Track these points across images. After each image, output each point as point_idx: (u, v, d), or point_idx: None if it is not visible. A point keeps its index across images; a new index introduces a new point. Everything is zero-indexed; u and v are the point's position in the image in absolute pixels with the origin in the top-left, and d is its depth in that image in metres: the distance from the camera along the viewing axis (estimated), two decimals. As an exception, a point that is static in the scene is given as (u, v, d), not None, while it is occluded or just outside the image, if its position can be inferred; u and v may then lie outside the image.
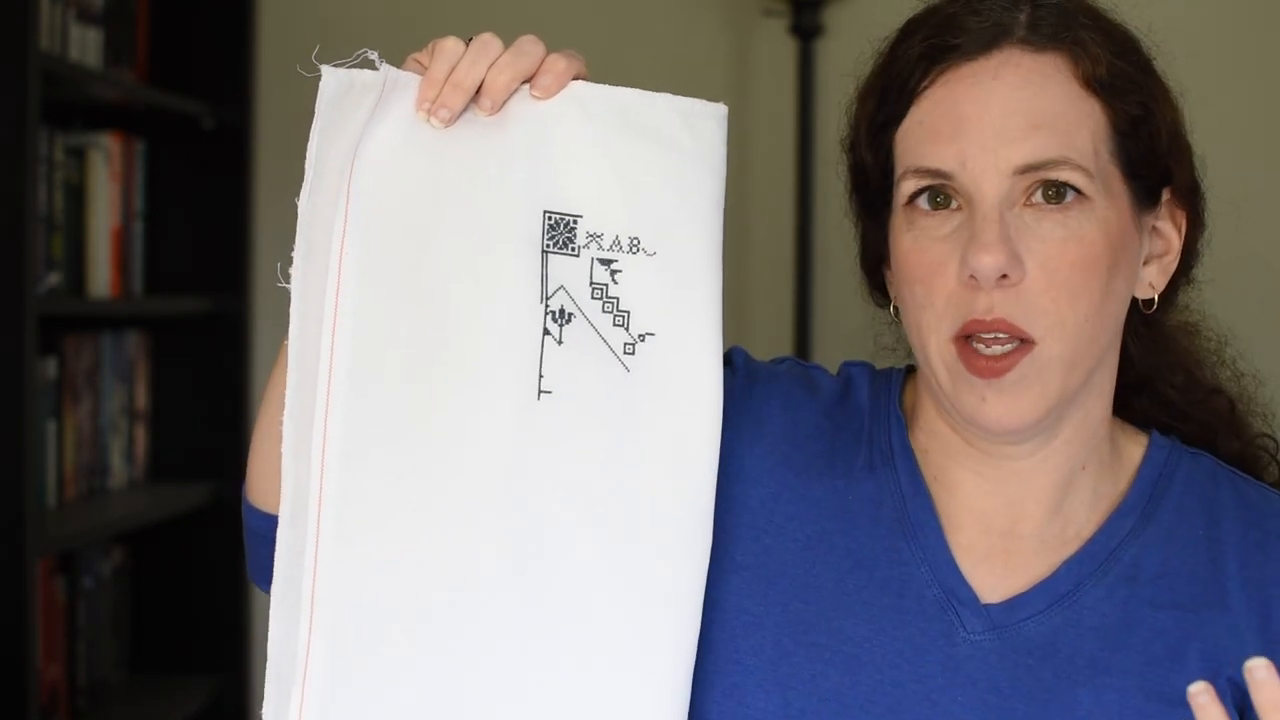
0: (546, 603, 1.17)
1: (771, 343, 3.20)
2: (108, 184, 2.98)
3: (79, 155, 2.91)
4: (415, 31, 3.44)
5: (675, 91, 1.24)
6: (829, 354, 3.04)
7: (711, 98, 1.24)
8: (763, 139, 3.23)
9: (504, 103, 1.17)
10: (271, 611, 1.17)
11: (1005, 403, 1.18)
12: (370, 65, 1.17)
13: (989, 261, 1.16)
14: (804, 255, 3.11)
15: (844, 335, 1.37)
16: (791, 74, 3.18)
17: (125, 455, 3.11)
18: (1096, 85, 1.20)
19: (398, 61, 1.20)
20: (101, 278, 2.95)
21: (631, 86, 1.21)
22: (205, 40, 3.24)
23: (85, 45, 2.87)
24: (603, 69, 1.47)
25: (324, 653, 1.14)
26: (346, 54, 1.19)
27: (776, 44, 3.23)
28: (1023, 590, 1.23)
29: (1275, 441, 1.37)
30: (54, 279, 2.80)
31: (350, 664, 1.14)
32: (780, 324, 3.20)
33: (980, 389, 1.19)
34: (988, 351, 1.18)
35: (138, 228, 3.12)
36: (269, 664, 1.16)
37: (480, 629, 1.16)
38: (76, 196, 2.90)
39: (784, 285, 3.19)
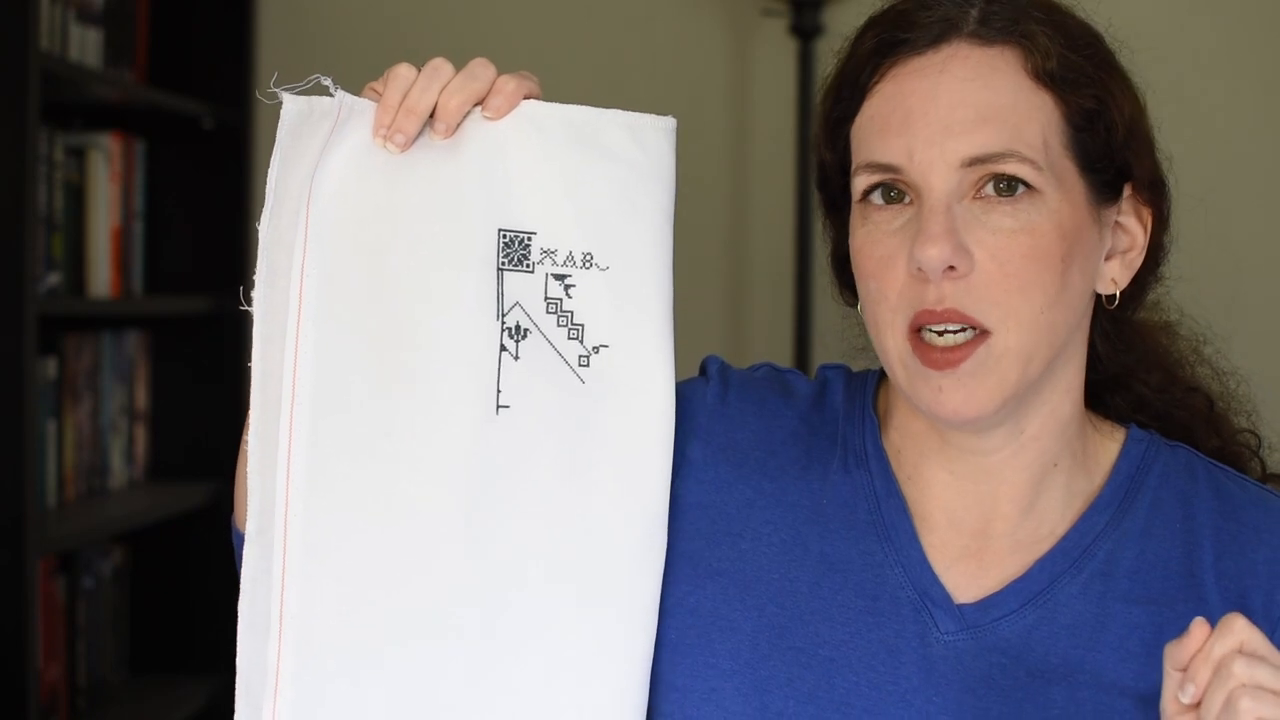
0: (508, 612, 1.19)
1: (771, 343, 3.20)
2: (108, 184, 2.98)
3: (79, 155, 2.91)
4: (413, 32, 3.45)
5: (675, 90, 1.24)
6: (828, 354, 3.04)
7: (711, 98, 1.25)
8: (763, 139, 3.23)
9: (458, 125, 1.19)
10: (239, 626, 1.18)
11: (962, 393, 1.19)
12: (324, 90, 1.19)
13: (934, 253, 1.16)
14: (804, 255, 3.11)
15: (843, 335, 1.38)
16: (791, 74, 3.18)
17: (125, 455, 3.11)
18: (1047, 78, 1.20)
19: (388, 63, 1.21)
20: (101, 278, 2.96)
21: (632, 85, 1.21)
22: (205, 40, 3.25)
23: (85, 45, 2.88)
24: (602, 70, 1.47)
25: (294, 665, 1.16)
26: (346, 53, 1.19)
27: (776, 44, 3.23)
28: (996, 590, 1.24)
29: (1257, 437, 1.37)
30: (54, 279, 2.80)
31: (320, 676, 1.16)
32: (780, 324, 3.21)
33: (936, 380, 1.19)
34: (940, 342, 1.18)
35: (138, 228, 3.12)
36: (238, 678, 1.18)
37: (444, 639, 1.18)
38: (76, 196, 2.90)
39: (784, 285, 3.19)
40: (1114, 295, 1.26)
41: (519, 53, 3.06)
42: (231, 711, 1.18)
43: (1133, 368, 1.32)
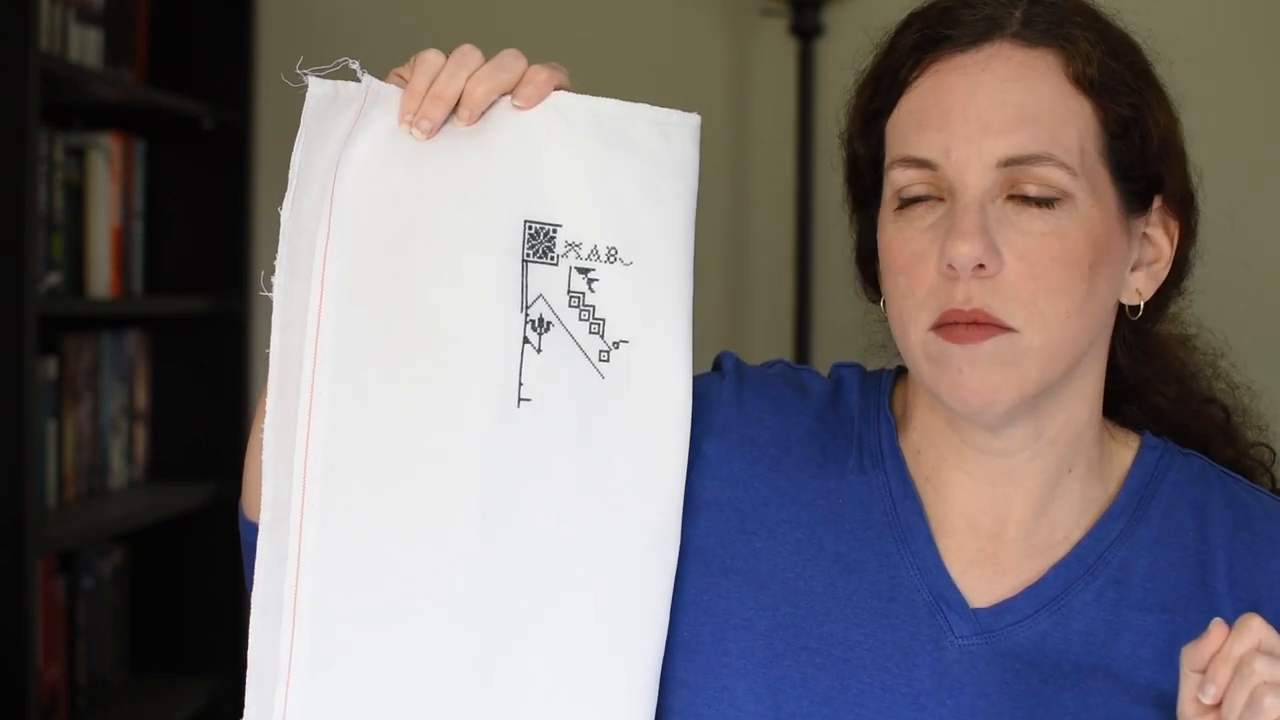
0: (522, 605, 1.18)
1: (771, 342, 3.20)
2: (108, 184, 2.98)
3: (79, 155, 2.91)
4: (414, 32, 3.45)
5: (675, 90, 1.24)
6: (828, 354, 3.04)
7: (711, 98, 1.25)
8: (763, 139, 3.23)
9: (482, 113, 1.18)
10: (252, 617, 1.17)
11: (980, 375, 1.18)
12: (351, 74, 1.18)
13: (965, 251, 1.16)
14: (804, 255, 3.11)
15: (843, 335, 1.37)
16: (791, 74, 3.18)
17: (125, 455, 3.11)
18: (1087, 84, 1.20)
19: (388, 64, 1.20)
20: (101, 278, 2.96)
21: (632, 85, 1.21)
22: (205, 40, 3.25)
23: (85, 45, 2.88)
24: (602, 69, 1.47)
25: (307, 654, 1.15)
26: (346, 53, 1.19)
27: (776, 44, 3.23)
28: (1011, 595, 1.23)
29: (1271, 450, 1.37)
30: (54, 279, 2.80)
31: (333, 666, 1.15)
32: (780, 324, 3.20)
33: (957, 360, 1.18)
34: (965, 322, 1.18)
35: (138, 228, 3.12)
36: (249, 669, 1.17)
37: (458, 632, 1.17)
38: (76, 196, 2.90)
39: (784, 285, 3.19)
40: (1138, 306, 1.26)
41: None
42: (231, 711, 1.18)
43: (1151, 379, 1.32)
